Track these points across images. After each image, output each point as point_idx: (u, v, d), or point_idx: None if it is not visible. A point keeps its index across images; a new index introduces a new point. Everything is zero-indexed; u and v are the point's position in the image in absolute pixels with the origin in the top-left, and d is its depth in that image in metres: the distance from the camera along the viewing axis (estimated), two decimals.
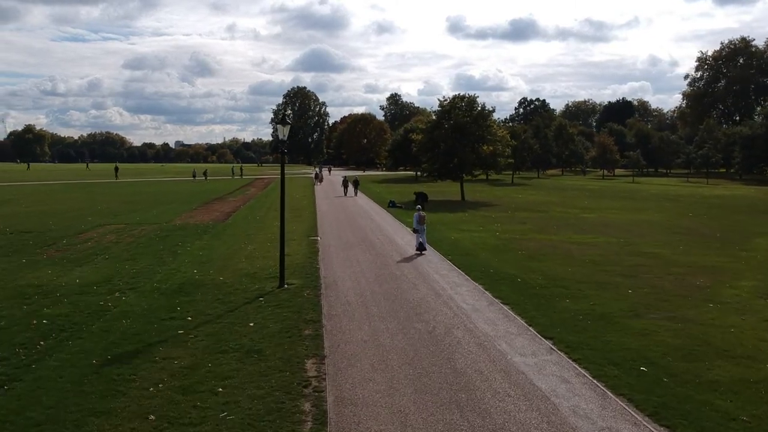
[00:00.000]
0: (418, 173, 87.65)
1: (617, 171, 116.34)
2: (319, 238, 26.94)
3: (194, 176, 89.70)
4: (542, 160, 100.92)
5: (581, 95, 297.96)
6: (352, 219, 35.48)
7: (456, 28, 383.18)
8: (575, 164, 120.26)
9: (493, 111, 52.22)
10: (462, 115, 50.96)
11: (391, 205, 43.47)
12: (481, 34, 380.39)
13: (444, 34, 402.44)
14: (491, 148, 51.06)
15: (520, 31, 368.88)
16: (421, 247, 24.03)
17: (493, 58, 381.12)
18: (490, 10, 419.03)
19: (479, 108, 51.39)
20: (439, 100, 52.40)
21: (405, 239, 27.01)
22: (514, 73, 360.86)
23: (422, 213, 24.49)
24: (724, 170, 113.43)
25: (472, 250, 24.32)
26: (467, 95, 51.66)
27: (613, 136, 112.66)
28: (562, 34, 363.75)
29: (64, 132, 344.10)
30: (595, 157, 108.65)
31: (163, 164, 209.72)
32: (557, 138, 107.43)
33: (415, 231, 24.92)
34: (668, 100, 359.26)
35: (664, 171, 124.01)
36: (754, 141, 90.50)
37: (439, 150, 50.95)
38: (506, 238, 28.31)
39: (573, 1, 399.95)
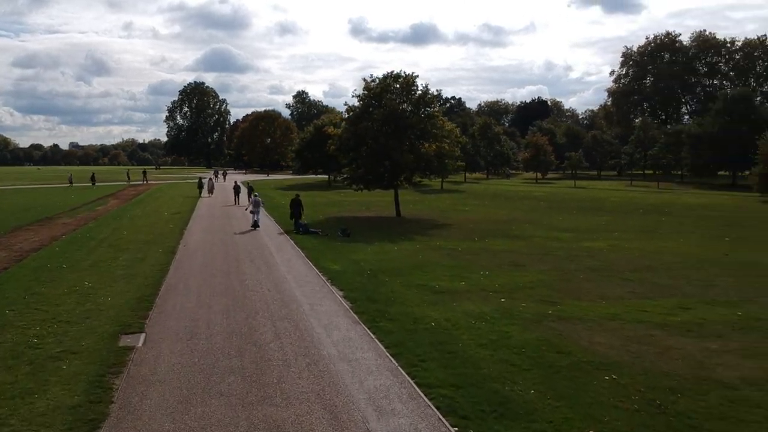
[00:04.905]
0: (334, 178, 73.28)
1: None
2: (129, 368, 12.06)
3: (71, 182, 72.69)
4: (471, 163, 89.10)
5: (483, 99, 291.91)
6: (234, 268, 20.68)
7: (358, 30, 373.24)
8: (502, 166, 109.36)
9: (439, 95, 38.49)
10: (398, 101, 37.06)
11: (342, 234, 28.59)
12: (384, 38, 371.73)
13: (347, 36, 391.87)
14: (435, 146, 37.27)
15: (421, 36, 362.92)
16: (255, 225, 30.15)
17: (397, 62, 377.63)
18: (391, 14, 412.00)
19: (420, 91, 37.55)
20: (365, 80, 38.11)
21: (370, 386, 12.63)
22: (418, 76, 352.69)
23: (258, 199, 32.10)
24: (652, 172, 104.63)
25: (499, 381, 10.19)
26: (404, 73, 37.60)
27: (547, 136, 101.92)
28: (462, 39, 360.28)
29: None
30: (528, 158, 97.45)
31: (40, 167, 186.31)
32: (482, 138, 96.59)
33: (251, 212, 30.99)
34: (565, 104, 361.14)
35: (595, 173, 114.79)
36: (707, 141, 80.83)
37: (366, 148, 36.68)
38: (530, 316, 14.37)
39: (472, 6, 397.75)
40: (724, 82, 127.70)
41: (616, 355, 11.65)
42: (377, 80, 37.66)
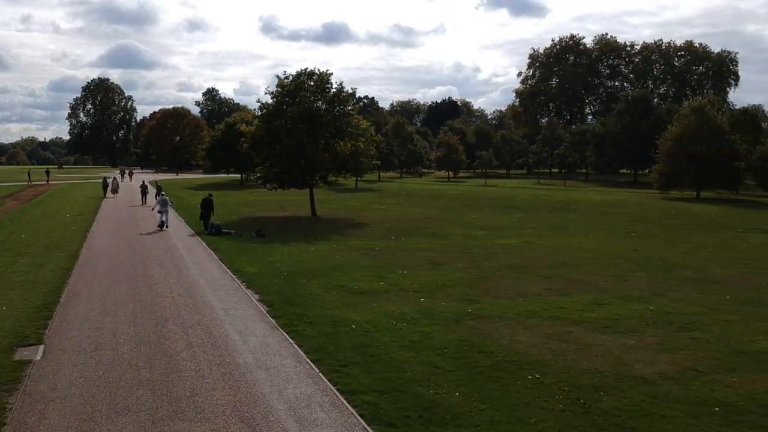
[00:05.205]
0: (247, 177, 71.74)
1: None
2: (26, 384, 11.14)
3: None
4: (385, 162, 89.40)
5: (395, 98, 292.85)
6: (141, 272, 19.67)
7: (269, 28, 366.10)
8: (415, 165, 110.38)
9: (354, 93, 38.19)
10: (312, 99, 36.52)
11: (257, 235, 27.68)
12: (295, 36, 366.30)
13: (258, 34, 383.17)
14: (350, 144, 36.94)
15: (333, 35, 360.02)
16: (162, 225, 29.12)
17: (309, 60, 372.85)
18: (303, 12, 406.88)
19: (334, 89, 37.12)
20: (278, 77, 37.28)
21: None
22: (332, 74, 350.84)
23: (166, 198, 30.76)
24: (558, 171, 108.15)
25: (424, 384, 9.95)
26: (318, 70, 37.09)
27: (458, 136, 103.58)
28: (374, 39, 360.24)
29: None
30: (440, 157, 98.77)
31: None
32: (395, 137, 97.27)
33: (159, 212, 29.73)
34: (474, 104, 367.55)
35: (504, 172, 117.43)
36: (610, 140, 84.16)
37: (280, 147, 35.92)
38: (450, 315, 14.27)
39: (383, 7, 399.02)
40: (625, 83, 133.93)
41: (538, 353, 11.65)
42: (291, 77, 36.97)
